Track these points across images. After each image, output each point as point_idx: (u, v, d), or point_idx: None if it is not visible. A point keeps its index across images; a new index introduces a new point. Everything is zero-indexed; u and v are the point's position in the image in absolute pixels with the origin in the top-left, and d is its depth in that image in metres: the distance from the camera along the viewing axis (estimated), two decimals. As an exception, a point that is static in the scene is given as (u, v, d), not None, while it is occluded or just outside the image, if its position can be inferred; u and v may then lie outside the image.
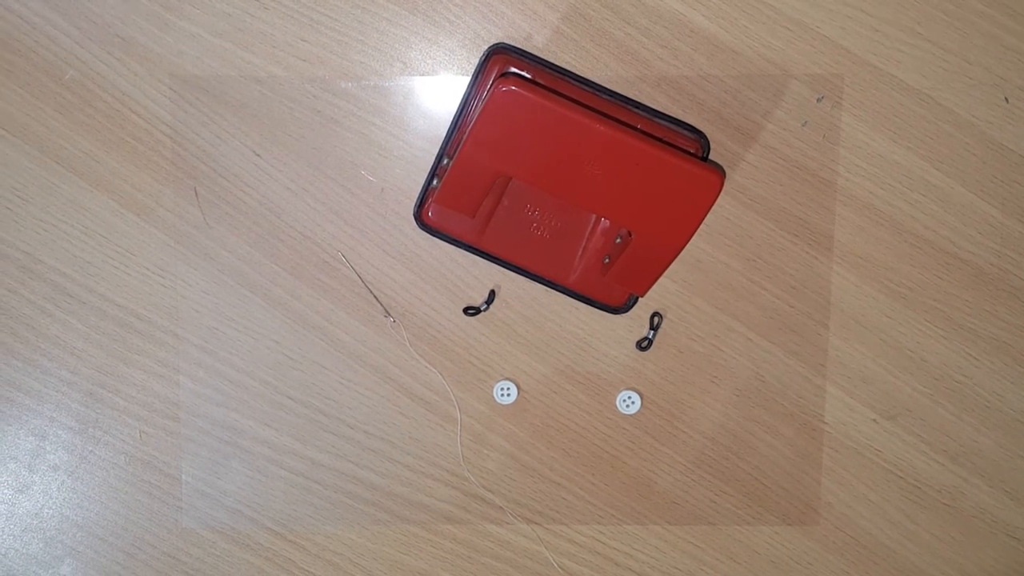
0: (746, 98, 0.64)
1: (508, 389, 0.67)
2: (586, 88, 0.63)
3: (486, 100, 0.56)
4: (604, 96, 0.63)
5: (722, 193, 0.57)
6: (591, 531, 0.69)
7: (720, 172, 0.58)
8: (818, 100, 0.64)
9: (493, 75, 0.62)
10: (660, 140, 0.59)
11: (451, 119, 0.63)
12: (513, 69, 0.62)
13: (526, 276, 0.65)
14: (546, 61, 0.63)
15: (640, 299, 0.66)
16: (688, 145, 0.62)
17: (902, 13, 0.63)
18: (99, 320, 0.66)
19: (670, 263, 0.60)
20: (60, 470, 0.68)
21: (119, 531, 0.68)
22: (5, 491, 0.68)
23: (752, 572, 0.69)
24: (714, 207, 0.57)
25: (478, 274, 0.66)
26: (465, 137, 0.58)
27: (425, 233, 0.65)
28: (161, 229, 0.66)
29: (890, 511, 0.68)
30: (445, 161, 0.63)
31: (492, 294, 0.66)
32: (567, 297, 0.66)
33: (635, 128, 0.60)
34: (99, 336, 0.66)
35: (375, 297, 0.66)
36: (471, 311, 0.67)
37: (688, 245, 0.59)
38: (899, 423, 0.67)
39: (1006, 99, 0.64)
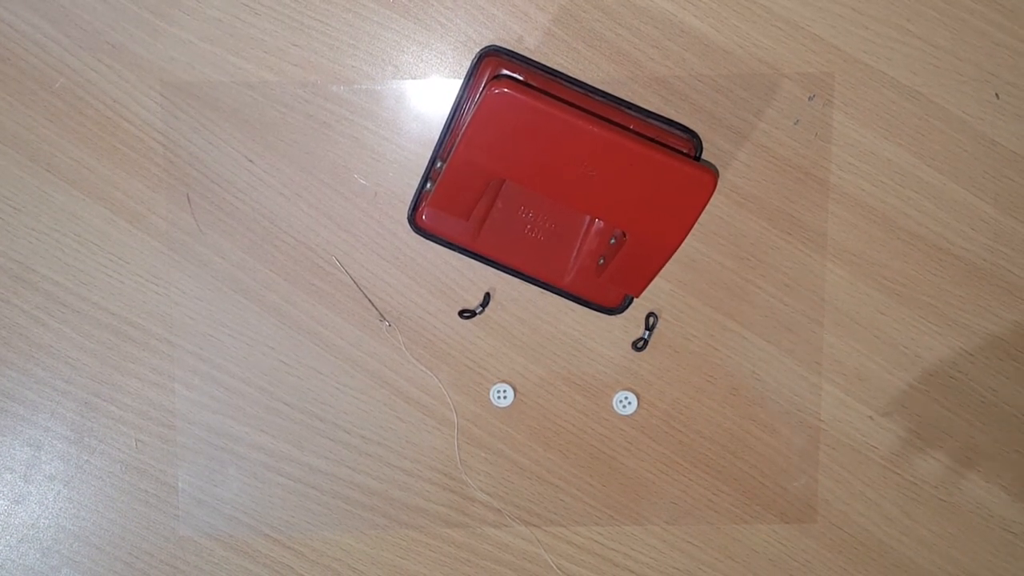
0: (738, 97, 0.64)
1: (504, 392, 0.67)
2: (578, 89, 0.63)
3: (478, 103, 0.56)
4: (596, 97, 0.63)
5: (715, 192, 0.57)
6: (589, 532, 0.69)
7: (713, 171, 0.58)
8: (809, 98, 0.64)
9: (485, 78, 0.62)
10: (653, 140, 0.59)
11: (444, 122, 0.63)
12: (505, 71, 0.62)
13: (521, 278, 0.65)
14: (538, 63, 0.63)
15: (635, 299, 0.66)
16: (681, 145, 0.62)
17: (892, 11, 0.63)
18: (93, 329, 0.66)
19: (665, 263, 0.60)
20: (56, 480, 0.68)
21: (116, 540, 0.68)
22: (1, 502, 0.68)
23: (751, 571, 0.69)
24: (707, 206, 0.57)
25: (473, 277, 0.66)
26: (458, 140, 0.58)
27: (419, 236, 0.65)
28: (154, 236, 0.65)
29: (887, 507, 0.69)
30: (438, 164, 0.63)
31: (487, 297, 0.66)
32: (562, 299, 0.66)
33: (628, 129, 0.60)
34: (93, 345, 0.66)
35: (370, 301, 0.66)
36: (466, 314, 0.67)
37: (682, 245, 0.59)
38: (895, 419, 0.68)
39: (996, 95, 0.64)
